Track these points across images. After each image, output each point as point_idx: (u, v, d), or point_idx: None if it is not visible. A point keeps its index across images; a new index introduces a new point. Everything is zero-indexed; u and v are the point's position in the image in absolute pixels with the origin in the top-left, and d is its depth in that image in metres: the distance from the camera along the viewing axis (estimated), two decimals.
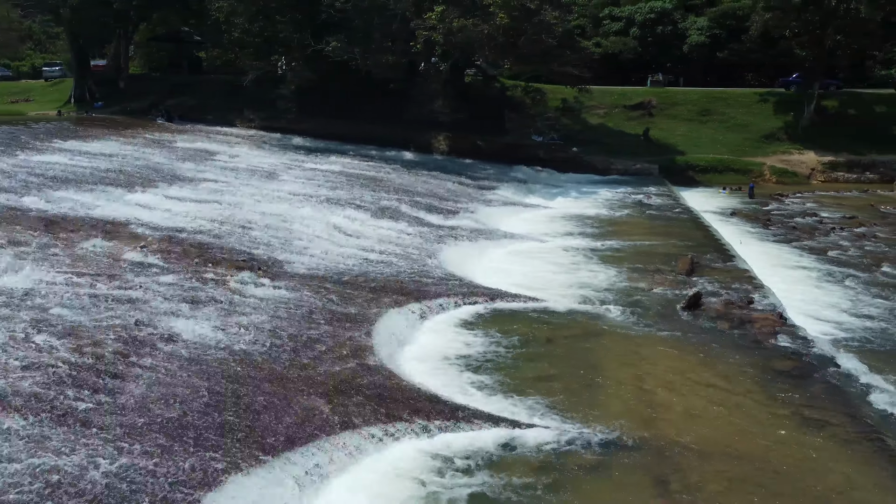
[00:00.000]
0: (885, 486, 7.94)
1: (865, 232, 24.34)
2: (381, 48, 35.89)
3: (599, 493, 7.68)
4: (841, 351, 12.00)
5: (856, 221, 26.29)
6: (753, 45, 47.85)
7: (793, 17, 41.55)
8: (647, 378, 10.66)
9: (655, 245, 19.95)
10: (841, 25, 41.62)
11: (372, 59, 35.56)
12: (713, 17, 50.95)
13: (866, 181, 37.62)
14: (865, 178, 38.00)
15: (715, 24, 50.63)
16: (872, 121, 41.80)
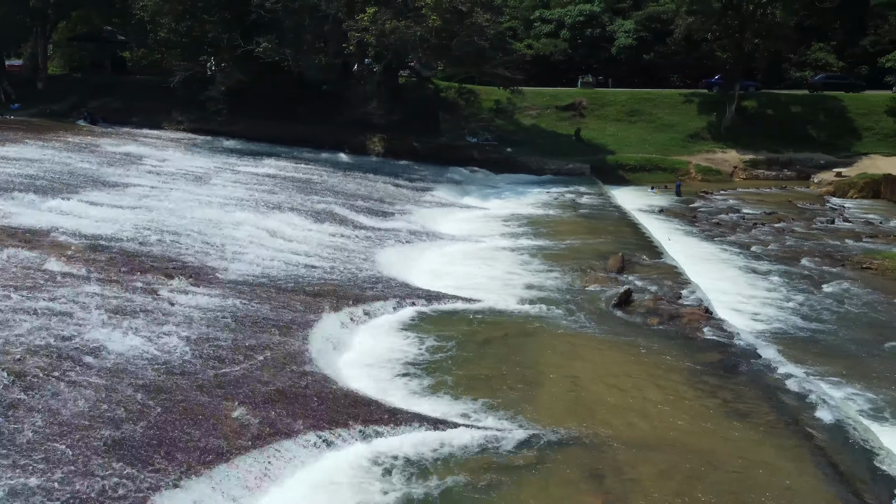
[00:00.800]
0: (804, 470, 8.36)
1: (784, 227, 25.53)
2: (314, 49, 35.47)
3: (537, 490, 7.81)
4: (763, 342, 12.56)
5: (775, 217, 27.54)
6: (678, 47, 49.54)
7: (713, 20, 43.19)
8: (582, 375, 10.91)
9: (588, 243, 20.40)
10: (758, 29, 43.51)
11: (304, 61, 35.11)
12: (639, 21, 52.43)
13: (784, 178, 39.42)
14: (784, 175, 39.81)
15: (641, 27, 52.11)
16: (789, 120, 43.85)
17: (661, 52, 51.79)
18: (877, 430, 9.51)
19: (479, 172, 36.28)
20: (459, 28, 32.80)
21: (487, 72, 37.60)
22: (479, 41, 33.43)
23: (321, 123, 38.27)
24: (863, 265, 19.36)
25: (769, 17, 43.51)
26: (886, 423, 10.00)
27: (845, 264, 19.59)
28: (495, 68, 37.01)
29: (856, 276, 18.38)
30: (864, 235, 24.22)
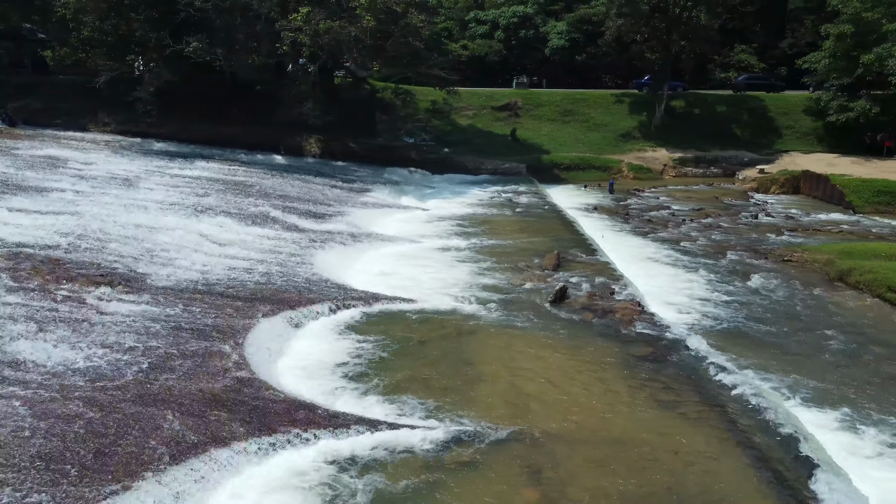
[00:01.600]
0: (730, 454, 8.73)
1: (711, 223, 26.49)
2: (246, 49, 34.84)
3: (477, 487, 7.92)
4: (692, 334, 13.02)
5: (703, 213, 28.54)
6: (609, 48, 50.76)
7: (642, 23, 44.43)
8: (520, 371, 11.10)
9: (525, 242, 20.72)
10: (684, 32, 44.99)
11: (236, 61, 34.45)
12: (571, 22, 53.49)
13: (711, 175, 40.88)
14: (711, 172, 41.29)
15: (573, 29, 53.18)
16: (715, 119, 45.52)
17: (592, 54, 53.02)
18: (797, 414, 10.00)
19: (417, 173, 36.35)
20: (394, 29, 32.80)
21: (423, 72, 37.71)
22: (414, 42, 33.52)
23: (255, 124, 37.62)
24: (784, 258, 20.26)
25: (694, 20, 45.05)
26: (805, 407, 10.52)
27: (768, 257, 20.46)
28: (431, 69, 37.16)
29: (778, 268, 19.23)
30: (785, 229, 25.36)
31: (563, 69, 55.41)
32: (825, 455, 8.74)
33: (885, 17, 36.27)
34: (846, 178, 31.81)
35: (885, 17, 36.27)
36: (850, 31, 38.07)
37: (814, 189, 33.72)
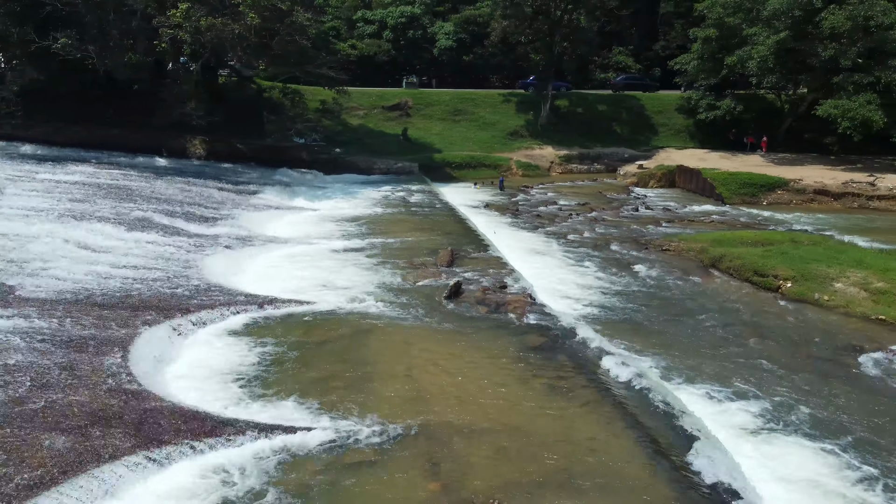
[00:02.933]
0: (619, 435, 9.20)
1: (596, 216, 27.68)
2: (121, 46, 33.01)
3: (379, 484, 7.94)
4: (580, 323, 13.59)
5: (588, 207, 29.78)
6: (495, 49, 51.95)
7: (526, 25, 45.75)
8: (418, 368, 11.20)
9: (419, 240, 20.88)
10: (566, 34, 46.70)
11: (110, 59, 32.57)
12: (458, 23, 54.29)
13: (595, 171, 42.68)
14: (594, 168, 43.10)
15: (460, 30, 54.00)
16: (597, 118, 47.55)
17: (480, 54, 54.07)
18: (677, 393, 10.68)
19: (309, 173, 35.77)
20: (280, 27, 32.11)
21: (311, 71, 37.13)
22: (301, 40, 32.98)
23: (135, 126, 35.76)
24: (663, 248, 21.49)
25: (575, 23, 46.86)
26: (684, 386, 11.23)
27: (648, 247, 21.62)
28: (319, 68, 36.67)
29: (658, 257, 20.38)
30: (663, 221, 26.89)
31: (451, 69, 56.17)
32: (703, 429, 9.38)
33: (745, 23, 39.13)
34: (716, 172, 34.07)
35: (745, 23, 39.13)
36: (714, 34, 40.80)
37: (687, 182, 35.91)
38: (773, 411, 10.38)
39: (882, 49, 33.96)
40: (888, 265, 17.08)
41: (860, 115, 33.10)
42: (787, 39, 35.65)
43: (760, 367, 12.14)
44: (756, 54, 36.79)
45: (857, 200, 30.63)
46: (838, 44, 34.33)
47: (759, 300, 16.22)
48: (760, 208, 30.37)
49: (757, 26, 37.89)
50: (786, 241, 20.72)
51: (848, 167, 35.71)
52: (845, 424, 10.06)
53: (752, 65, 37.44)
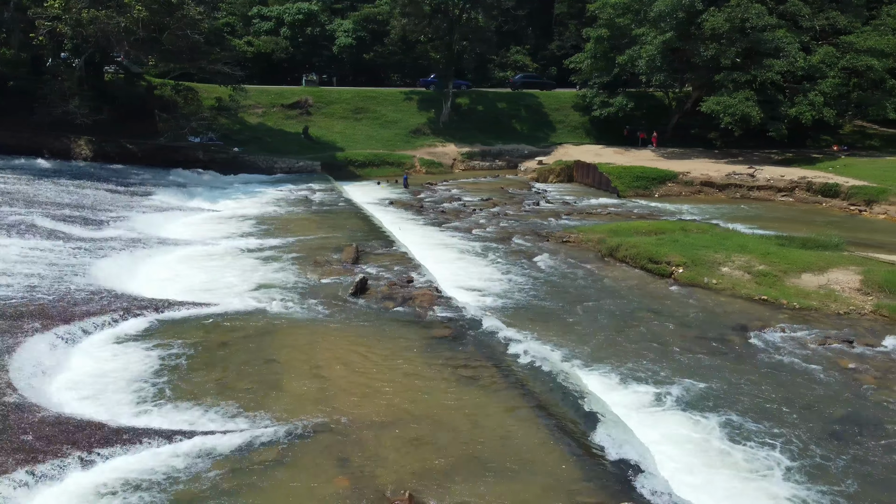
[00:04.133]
0: (526, 418, 9.40)
1: (499, 211, 28.18)
2: None
3: (286, 484, 7.77)
4: (486, 313, 13.80)
5: (491, 203, 30.27)
6: (395, 48, 51.90)
7: (425, 23, 45.92)
8: (325, 365, 11.04)
9: (323, 238, 20.57)
10: (465, 32, 47.24)
11: None
12: (357, 21, 53.84)
13: (497, 168, 43.44)
14: (496, 165, 43.85)
15: (360, 28, 53.56)
16: (497, 115, 48.40)
17: (380, 52, 53.85)
18: (580, 375, 11.03)
19: (206, 174, 34.49)
20: (169, 20, 30.76)
21: (205, 68, 35.80)
22: (193, 35, 31.73)
23: (11, 126, 33.29)
24: (563, 239, 22.14)
25: (473, 22, 47.49)
26: (586, 368, 11.62)
27: (549, 239, 22.22)
28: (214, 64, 35.40)
29: (558, 248, 20.98)
30: (562, 214, 27.70)
31: (352, 67, 55.67)
32: (606, 409, 9.73)
33: (634, 23, 40.91)
34: (611, 167, 35.43)
35: (634, 23, 40.91)
36: (606, 34, 42.41)
37: (585, 177, 37.15)
38: (669, 388, 10.89)
39: (757, 49, 36.33)
40: (768, 249, 18.29)
41: (740, 110, 35.29)
42: (672, 40, 37.52)
43: (656, 347, 12.72)
44: (645, 54, 38.51)
45: (739, 191, 32.63)
46: (718, 44, 36.45)
47: (653, 286, 16.99)
48: (653, 200, 31.83)
49: (645, 27, 39.65)
50: (677, 229, 21.80)
51: (730, 160, 37.99)
52: (735, 396, 10.69)
53: (641, 64, 39.15)
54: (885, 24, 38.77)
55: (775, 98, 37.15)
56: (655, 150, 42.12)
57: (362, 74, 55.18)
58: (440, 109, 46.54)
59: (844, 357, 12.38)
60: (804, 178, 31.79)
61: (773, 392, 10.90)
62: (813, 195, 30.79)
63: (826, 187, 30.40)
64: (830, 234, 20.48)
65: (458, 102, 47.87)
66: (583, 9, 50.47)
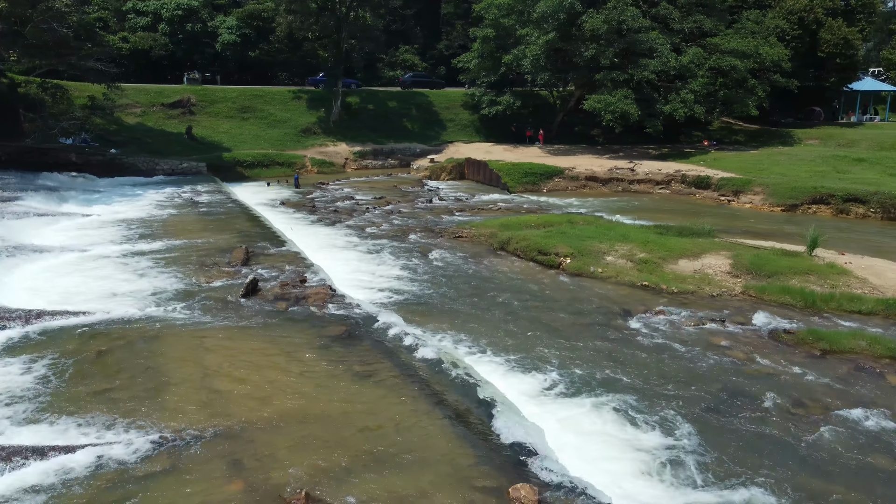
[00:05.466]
0: (423, 410, 9.45)
1: (392, 209, 28.19)
2: None
3: (175, 492, 7.44)
4: (381, 310, 13.77)
5: (384, 201, 30.24)
6: (282, 45, 50.76)
7: (312, 20, 45.26)
8: (215, 369, 10.65)
9: (210, 241, 19.83)
10: (353, 31, 46.93)
11: None
12: (241, 18, 52.26)
13: (389, 166, 43.46)
14: (388, 164, 43.85)
15: (244, 24, 52.00)
16: (387, 114, 48.39)
17: (266, 50, 52.51)
18: (475, 365, 11.22)
19: (80, 177, 32.41)
20: (32, 13, 28.70)
21: (76, 64, 33.64)
22: (61, 29, 29.75)
23: None
24: (456, 235, 22.43)
25: (361, 20, 47.24)
26: (481, 359, 11.84)
27: (443, 235, 22.45)
28: (85, 61, 33.34)
29: (452, 244, 21.23)
30: (455, 210, 28.07)
31: (237, 65, 54.01)
32: (501, 396, 9.94)
33: (518, 24, 42.04)
34: (501, 164, 36.26)
35: (518, 24, 42.04)
36: (492, 34, 43.36)
37: (476, 174, 37.82)
38: (560, 373, 11.28)
39: (633, 50, 38.26)
40: (648, 238, 19.31)
41: (619, 108, 37.06)
42: (555, 40, 38.86)
43: (547, 335, 13.13)
44: (529, 53, 39.68)
45: (621, 185, 34.25)
46: (598, 45, 38.09)
47: (543, 276, 17.53)
48: (541, 195, 32.84)
49: (528, 27, 40.85)
50: (564, 222, 22.59)
51: (612, 155, 39.80)
52: (620, 377, 11.21)
53: (526, 63, 40.31)
54: (745, 27, 41.80)
55: (651, 96, 39.26)
56: (542, 147, 43.47)
57: (248, 73, 53.66)
58: (330, 108, 45.99)
59: (718, 335, 13.25)
60: (679, 172, 33.77)
61: (656, 371, 11.51)
62: (687, 187, 32.76)
63: (699, 180, 32.43)
64: (703, 223, 21.85)
65: (349, 101, 47.48)
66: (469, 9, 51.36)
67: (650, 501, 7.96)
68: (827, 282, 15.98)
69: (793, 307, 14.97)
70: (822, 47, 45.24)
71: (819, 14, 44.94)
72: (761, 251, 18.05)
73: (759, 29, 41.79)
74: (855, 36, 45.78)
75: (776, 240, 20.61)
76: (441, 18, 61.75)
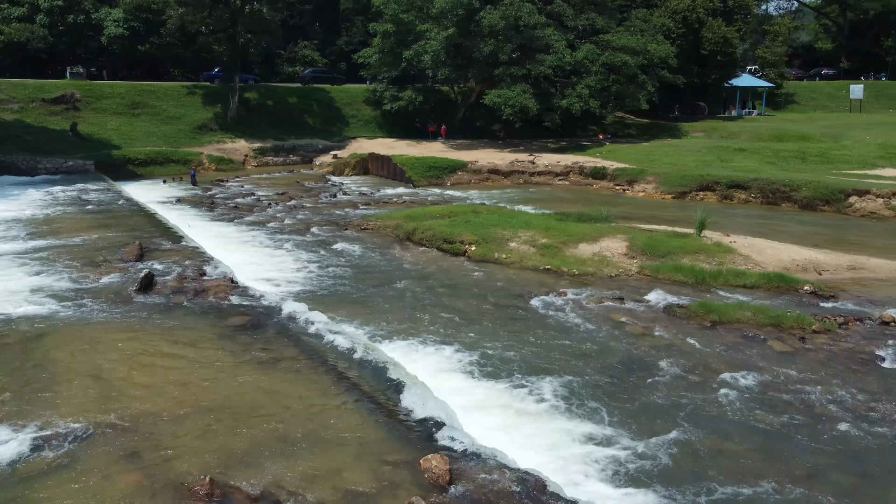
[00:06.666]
0: (332, 394, 9.34)
1: (296, 204, 27.66)
2: None
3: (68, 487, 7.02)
4: (286, 300, 13.48)
5: (287, 196, 29.62)
6: (174, 39, 48.74)
7: (205, 14, 43.69)
8: (109, 365, 10.11)
9: (102, 238, 18.78)
10: (249, 25, 45.67)
11: None
12: (128, 10, 49.71)
13: (291, 163, 42.56)
14: (290, 160, 42.93)
15: (132, 17, 49.48)
16: (288, 110, 47.37)
17: (157, 44, 50.19)
18: (383, 349, 11.18)
19: None
20: None
21: None
22: None
23: None
24: (362, 227, 22.29)
25: (257, 14, 46.03)
26: (390, 342, 11.80)
27: (349, 228, 22.24)
28: None
29: (357, 236, 21.07)
30: (360, 204, 27.87)
31: (125, 60, 51.40)
32: (409, 376, 9.95)
33: (418, 19, 42.16)
34: (405, 158, 36.27)
35: (418, 19, 42.16)
36: (392, 30, 43.24)
37: (380, 169, 37.67)
38: (467, 352, 11.41)
39: (530, 46, 39.20)
40: (549, 224, 19.85)
41: (519, 103, 37.88)
42: (454, 36, 39.25)
43: (453, 319, 13.25)
44: (429, 49, 39.87)
45: (522, 177, 35.02)
46: (496, 40, 38.78)
47: (449, 263, 17.68)
48: (445, 188, 33.12)
49: (428, 23, 41.05)
50: (468, 212, 22.85)
51: (513, 149, 40.63)
52: (525, 354, 11.46)
53: (426, 59, 40.50)
54: (634, 25, 43.70)
55: (549, 91, 40.35)
56: (445, 142, 43.83)
57: (137, 67, 51.23)
58: (227, 104, 44.58)
59: (617, 312, 13.78)
60: (577, 163, 34.90)
61: (559, 347, 11.86)
62: (585, 178, 33.90)
63: (595, 170, 33.62)
64: (600, 209, 22.66)
65: (247, 97, 46.21)
66: (368, 4, 51.03)
67: (556, 463, 8.18)
68: (715, 259, 16.95)
69: (685, 284, 15.78)
70: (704, 45, 47.95)
71: (701, 14, 47.58)
72: (655, 234, 18.92)
73: (647, 27, 43.78)
74: (733, 35, 48.81)
75: (668, 224, 21.65)
76: (340, 13, 61.05)
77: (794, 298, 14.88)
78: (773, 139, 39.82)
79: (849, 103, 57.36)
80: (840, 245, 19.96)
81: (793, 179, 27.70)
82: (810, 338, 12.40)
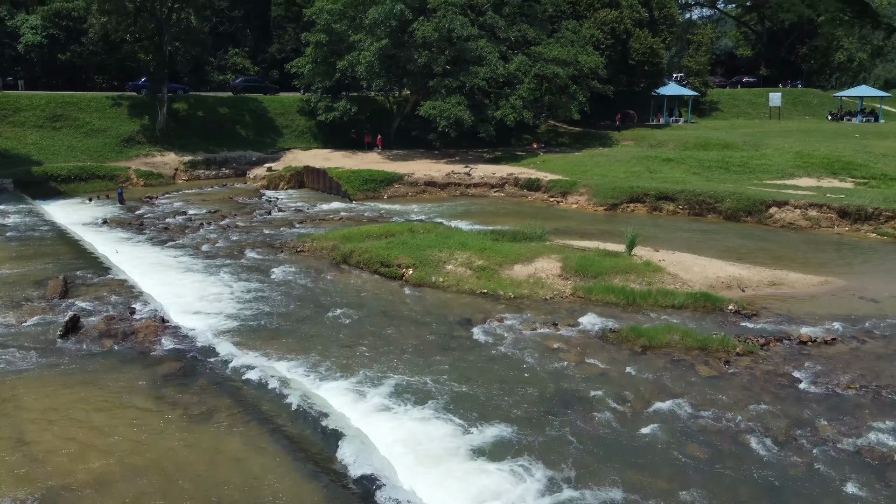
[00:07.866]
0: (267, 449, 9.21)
1: (229, 223, 27.07)
2: None
3: None
4: (219, 339, 13.21)
5: (220, 214, 28.94)
6: (96, 48, 46.98)
7: (130, 22, 42.23)
8: (29, 425, 9.71)
9: (21, 271, 17.97)
10: (176, 33, 44.43)
11: None
12: (47, 17, 47.62)
13: (223, 176, 41.61)
14: (222, 173, 41.98)
15: (51, 24, 47.42)
16: (219, 121, 46.23)
17: (78, 53, 48.27)
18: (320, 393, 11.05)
19: None
20: None
21: None
22: None
23: None
24: (297, 249, 22.00)
25: (185, 22, 44.82)
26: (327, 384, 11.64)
27: (284, 250, 21.92)
28: None
29: (293, 259, 20.79)
30: (296, 222, 27.49)
31: (44, 69, 49.23)
32: (346, 425, 9.88)
33: (351, 29, 41.85)
34: (340, 171, 35.96)
35: (351, 29, 41.85)
36: (325, 39, 42.77)
37: (315, 182, 37.25)
38: (405, 391, 11.39)
39: (464, 57, 39.45)
40: (484, 245, 20.04)
41: (453, 114, 38.08)
42: (387, 47, 39.14)
43: (392, 351, 13.25)
44: (363, 59, 39.65)
45: (459, 189, 35.21)
46: (430, 52, 38.87)
47: (387, 289, 17.66)
48: (382, 202, 33.02)
49: (361, 34, 40.81)
50: (405, 231, 22.86)
51: (449, 160, 40.80)
52: (462, 387, 11.53)
53: (360, 69, 40.25)
54: (564, 37, 44.51)
55: (482, 102, 40.70)
56: (381, 153, 43.69)
57: (57, 77, 49.13)
58: (155, 116, 43.24)
59: (551, 339, 14.05)
60: (512, 175, 35.32)
61: (495, 379, 11.99)
62: (520, 189, 34.34)
63: (530, 182, 34.10)
64: (535, 226, 23.02)
65: (176, 108, 44.93)
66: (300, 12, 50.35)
67: None
68: (644, 279, 17.47)
69: (617, 305, 16.22)
70: (632, 55, 49.24)
71: (628, 25, 48.84)
72: (587, 253, 19.35)
73: (577, 38, 44.65)
74: (659, 45, 50.29)
75: (601, 239, 22.18)
76: (272, 21, 59.97)
77: (719, 319, 15.48)
78: (698, 147, 41.21)
79: (768, 110, 59.96)
80: (761, 257, 20.88)
81: (717, 191, 28.77)
82: (734, 361, 12.94)
